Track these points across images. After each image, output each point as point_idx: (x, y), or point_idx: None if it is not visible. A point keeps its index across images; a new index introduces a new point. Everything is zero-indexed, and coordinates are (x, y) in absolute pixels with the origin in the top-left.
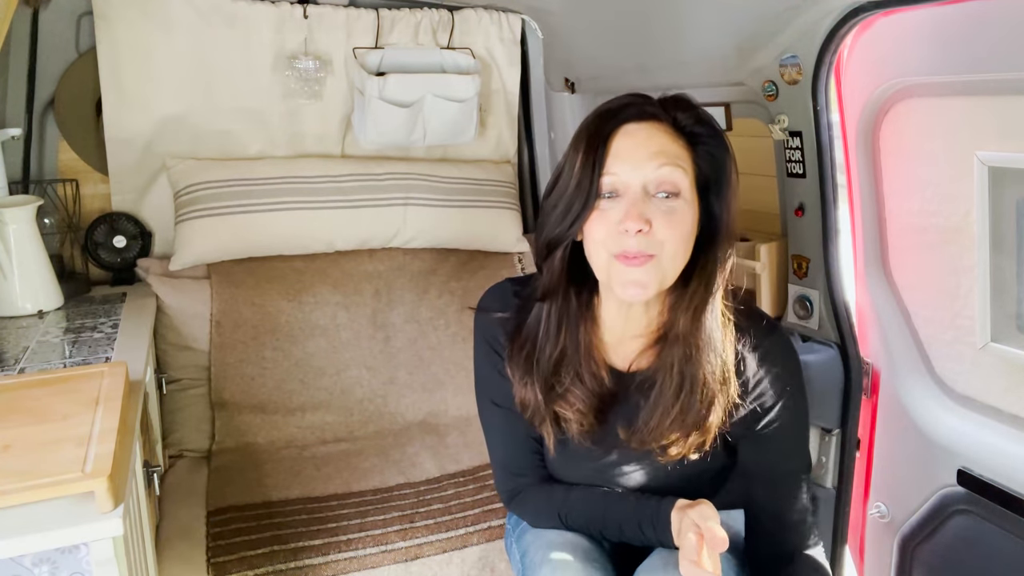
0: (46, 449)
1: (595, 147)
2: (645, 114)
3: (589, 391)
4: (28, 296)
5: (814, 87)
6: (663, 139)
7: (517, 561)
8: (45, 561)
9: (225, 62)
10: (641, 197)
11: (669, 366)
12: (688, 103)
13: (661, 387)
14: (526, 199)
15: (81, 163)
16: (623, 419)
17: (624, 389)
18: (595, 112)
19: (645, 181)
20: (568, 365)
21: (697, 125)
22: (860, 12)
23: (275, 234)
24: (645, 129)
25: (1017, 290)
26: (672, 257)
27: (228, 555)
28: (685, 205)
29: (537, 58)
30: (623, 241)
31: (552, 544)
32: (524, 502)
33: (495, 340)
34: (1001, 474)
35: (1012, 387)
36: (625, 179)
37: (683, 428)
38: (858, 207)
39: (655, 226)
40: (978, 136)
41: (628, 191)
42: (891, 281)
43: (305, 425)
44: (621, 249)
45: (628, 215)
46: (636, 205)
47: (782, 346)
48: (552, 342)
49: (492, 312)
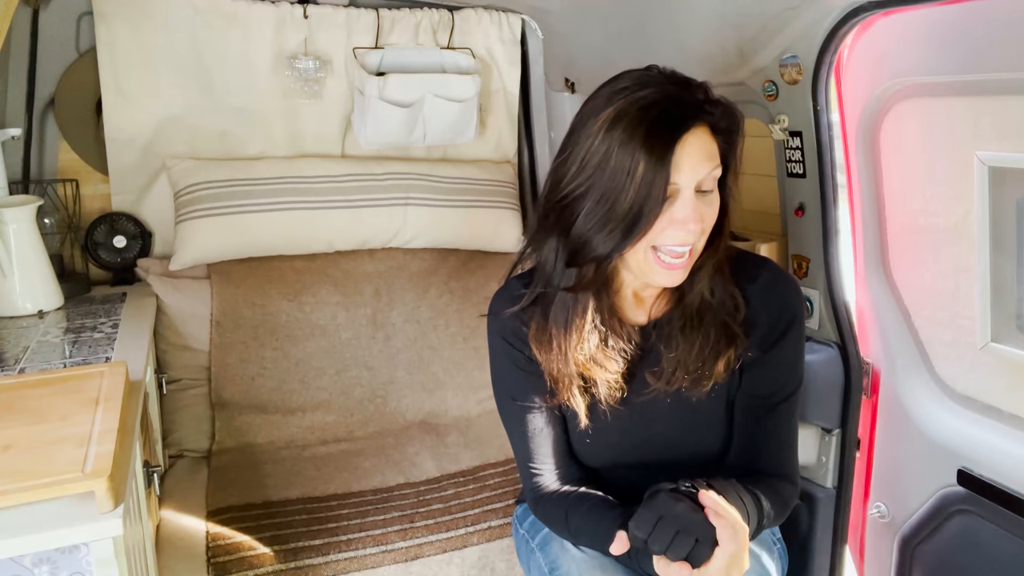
0: (46, 449)
1: (664, 160)
2: (697, 119)
3: (617, 351)
4: (28, 296)
5: (814, 87)
6: (709, 143)
7: (544, 572)
8: (45, 561)
9: (225, 62)
10: (693, 198)
11: (689, 312)
12: (717, 97)
13: (683, 330)
14: (526, 199)
15: (81, 163)
16: (649, 367)
17: (647, 340)
18: (642, 112)
19: (700, 183)
20: (595, 331)
21: (729, 121)
22: (860, 12)
23: (275, 234)
24: (698, 136)
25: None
26: (704, 241)
27: (228, 555)
28: (716, 197)
29: (537, 58)
30: (671, 235)
31: (585, 559)
32: (546, 514)
33: (512, 335)
34: (1001, 474)
35: (1012, 387)
36: (682, 185)
37: (708, 358)
38: (858, 207)
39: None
40: (978, 136)
41: (682, 194)
42: (891, 281)
43: (305, 425)
44: (664, 242)
45: (689, 218)
46: (696, 208)
47: (778, 274)
48: (574, 313)
49: (505, 310)
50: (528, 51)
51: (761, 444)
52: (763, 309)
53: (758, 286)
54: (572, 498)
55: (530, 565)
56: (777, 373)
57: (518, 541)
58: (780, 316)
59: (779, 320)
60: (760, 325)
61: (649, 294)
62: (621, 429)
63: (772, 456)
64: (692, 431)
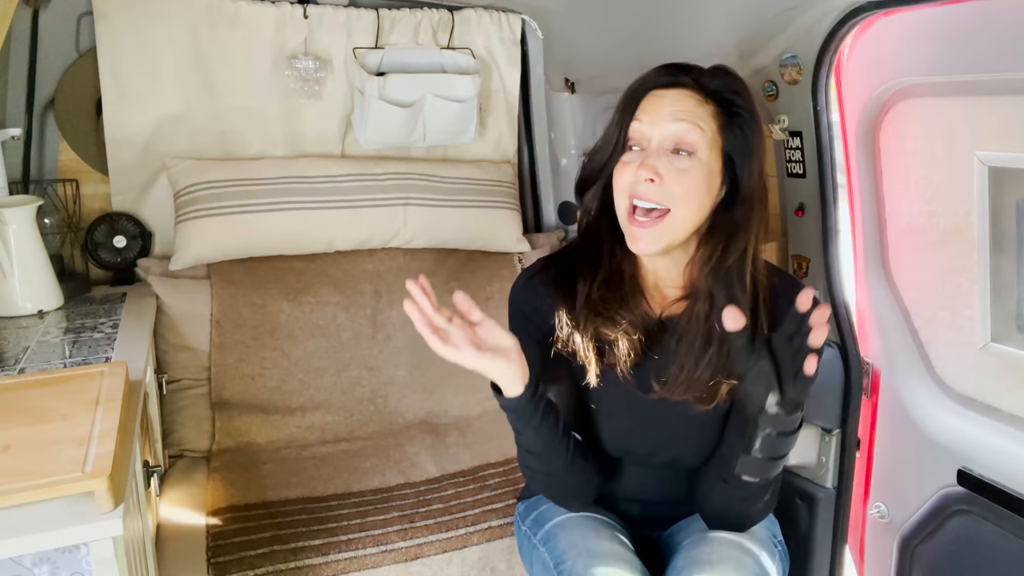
0: (46, 449)
1: (627, 105)
2: (677, 82)
3: (635, 316)
4: (28, 296)
5: (814, 87)
6: (688, 102)
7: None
8: (45, 561)
9: (225, 62)
10: (656, 151)
11: (695, 320)
12: (723, 71)
13: (689, 341)
14: (526, 199)
15: (81, 163)
16: (656, 367)
17: (659, 334)
18: (638, 79)
19: (662, 136)
20: (613, 291)
21: (726, 90)
22: (860, 12)
23: (275, 234)
24: (672, 93)
25: (1017, 290)
26: (684, 214)
27: (228, 555)
28: (699, 165)
29: (537, 58)
30: (638, 188)
31: (592, 553)
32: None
33: (529, 307)
34: (1001, 474)
35: (1012, 387)
36: (647, 134)
37: (712, 379)
38: (858, 207)
39: (667, 179)
40: (978, 136)
41: (648, 146)
42: (891, 281)
43: (305, 425)
44: (635, 194)
45: (643, 164)
46: (650, 157)
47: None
48: (592, 265)
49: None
50: (528, 51)
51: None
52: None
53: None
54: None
55: (533, 561)
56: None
57: (520, 538)
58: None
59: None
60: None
61: (667, 292)
62: (625, 419)
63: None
64: (692, 440)
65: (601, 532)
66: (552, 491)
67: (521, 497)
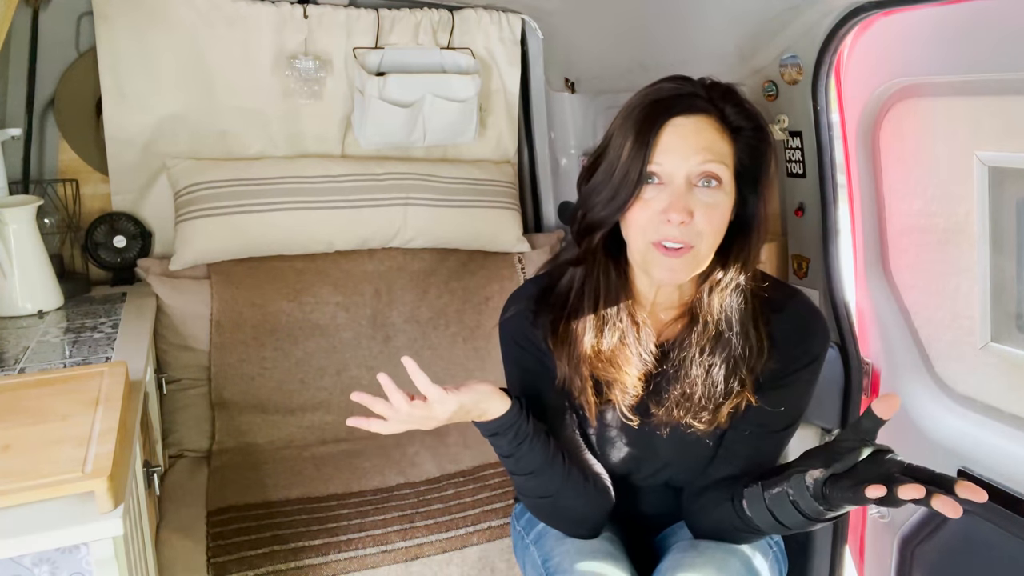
0: (46, 449)
1: (645, 138)
2: (695, 108)
3: (634, 354)
4: (28, 296)
5: (814, 87)
6: (710, 134)
7: (537, 565)
8: (45, 561)
9: (225, 62)
10: (685, 188)
11: (695, 344)
12: (736, 96)
13: (691, 364)
14: (526, 199)
15: (81, 163)
16: (657, 393)
17: (662, 358)
18: (645, 100)
19: (689, 173)
20: (613, 337)
21: (743, 119)
22: (860, 12)
23: (275, 234)
24: (694, 123)
25: (1017, 290)
26: (709, 247)
27: (228, 555)
28: (724, 196)
29: (537, 58)
30: (664, 230)
31: (580, 550)
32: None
33: (521, 336)
34: (1001, 474)
35: (1012, 387)
36: (670, 170)
37: (711, 403)
38: (858, 207)
39: (696, 217)
40: (978, 136)
41: (672, 182)
42: (891, 281)
43: (305, 425)
44: (661, 237)
45: (673, 206)
46: (681, 197)
47: (808, 308)
48: (590, 308)
49: (518, 309)
50: (528, 51)
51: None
52: (783, 345)
53: (784, 319)
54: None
55: (525, 560)
56: (777, 410)
57: (515, 538)
58: (799, 358)
59: (797, 361)
60: (776, 360)
61: (665, 315)
62: (621, 448)
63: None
64: (691, 461)
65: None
66: (556, 516)
67: (517, 497)
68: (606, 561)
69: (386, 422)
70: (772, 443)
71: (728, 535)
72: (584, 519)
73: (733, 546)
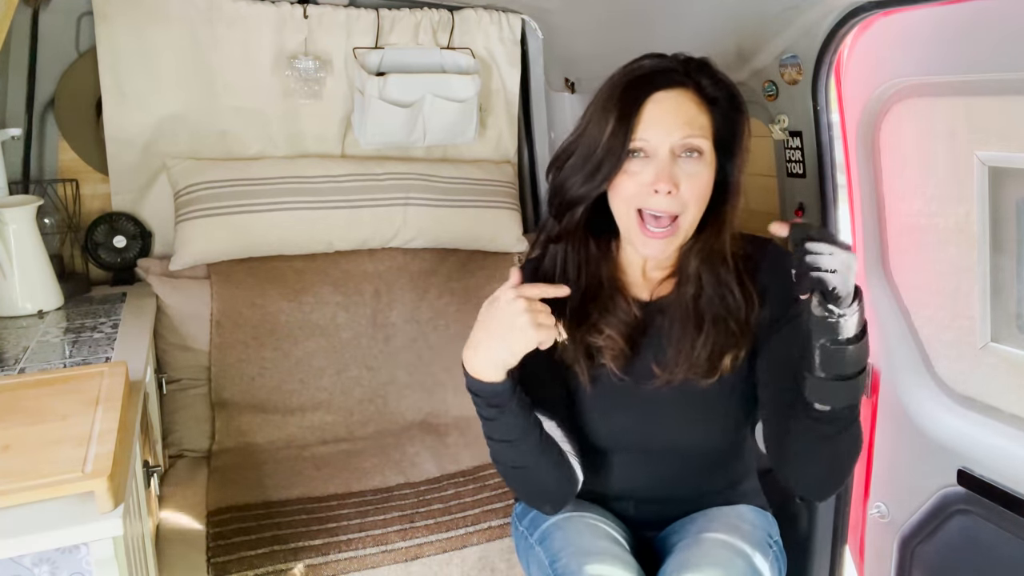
0: (46, 449)
1: (628, 113)
2: (673, 82)
3: (619, 320)
4: (28, 296)
5: (814, 87)
6: (690, 107)
7: (545, 566)
8: (45, 561)
9: (225, 62)
10: (669, 160)
11: (685, 303)
12: (710, 69)
13: (683, 323)
14: (526, 199)
15: (81, 163)
16: (654, 352)
17: (650, 317)
18: (625, 76)
19: (673, 146)
20: (593, 300)
21: (717, 90)
22: (860, 12)
23: (275, 234)
24: (674, 97)
25: (1017, 290)
26: (693, 217)
27: (228, 555)
28: (706, 167)
29: (537, 58)
30: (651, 200)
31: (588, 552)
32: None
33: None
34: (1001, 474)
35: (1012, 387)
36: (655, 144)
37: (711, 354)
38: (858, 207)
39: (682, 188)
40: (978, 136)
41: (657, 154)
42: (891, 281)
43: (305, 425)
44: (648, 205)
45: (659, 178)
46: (666, 169)
47: (784, 255)
48: (574, 279)
49: None
50: (528, 51)
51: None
52: (773, 293)
53: (767, 270)
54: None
55: (529, 560)
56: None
57: (517, 538)
58: (789, 300)
59: (788, 302)
60: (769, 308)
61: (655, 275)
62: (626, 412)
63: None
64: (698, 422)
65: (597, 531)
66: (525, 487)
67: (518, 497)
68: (615, 565)
69: None
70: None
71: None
72: (548, 494)
73: (737, 544)
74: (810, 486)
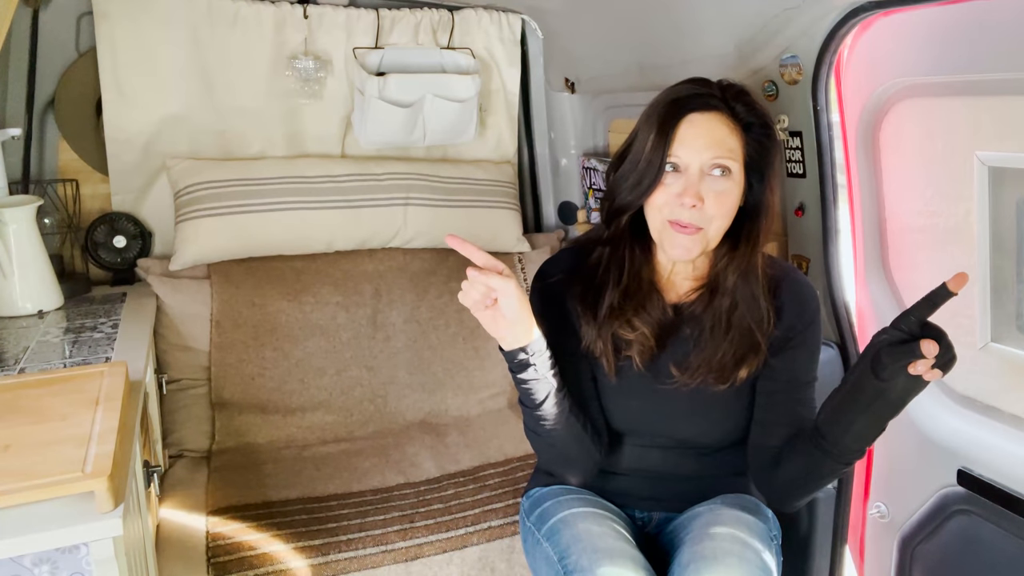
0: (46, 449)
1: (664, 132)
2: (709, 105)
3: (652, 318)
4: (28, 296)
5: (814, 87)
6: (721, 130)
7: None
8: (45, 561)
9: (225, 62)
10: (698, 177)
11: (718, 314)
12: (747, 97)
13: (712, 331)
14: (526, 199)
15: (81, 163)
16: (676, 354)
17: (678, 320)
18: (667, 96)
19: (702, 164)
20: (631, 298)
21: (752, 116)
22: (860, 12)
23: (275, 234)
24: (707, 119)
25: (1017, 290)
26: (717, 229)
27: (228, 555)
28: (733, 185)
29: (537, 58)
30: (678, 211)
31: (597, 548)
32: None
33: (558, 297)
34: (1001, 474)
35: (1012, 387)
36: (686, 161)
37: (731, 364)
38: (858, 207)
39: (707, 203)
40: (978, 136)
41: (688, 170)
42: (891, 281)
43: (305, 425)
44: (675, 217)
45: (686, 192)
46: (694, 184)
47: (800, 281)
48: (615, 279)
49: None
50: (528, 51)
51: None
52: (785, 314)
53: (784, 292)
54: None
55: (536, 555)
56: (799, 362)
57: (524, 533)
58: (799, 322)
59: (798, 324)
60: (779, 328)
61: (683, 284)
62: (641, 402)
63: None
64: (704, 420)
65: (605, 527)
66: (554, 454)
67: (526, 492)
68: (626, 564)
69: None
70: (807, 393)
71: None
72: (575, 462)
73: (746, 539)
74: (782, 500)
